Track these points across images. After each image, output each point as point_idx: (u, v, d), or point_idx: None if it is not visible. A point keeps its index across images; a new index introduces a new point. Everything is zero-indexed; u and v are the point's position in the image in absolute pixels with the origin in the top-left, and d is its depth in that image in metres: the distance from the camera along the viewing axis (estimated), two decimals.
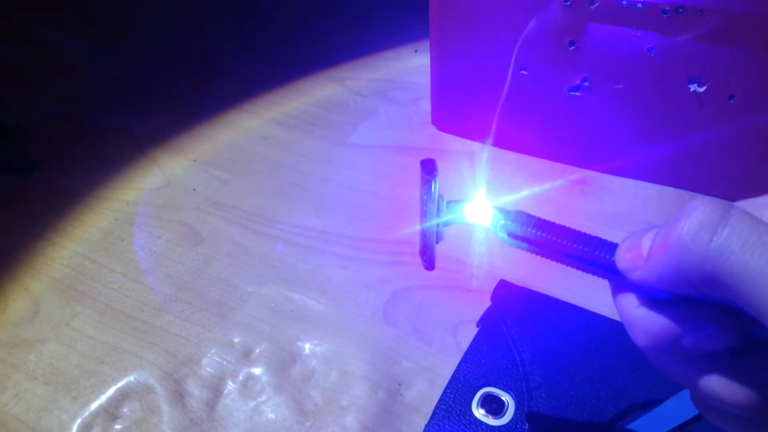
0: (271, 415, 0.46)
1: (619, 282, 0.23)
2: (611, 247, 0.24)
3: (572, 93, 0.61)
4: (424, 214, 0.28)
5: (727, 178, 0.61)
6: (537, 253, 0.26)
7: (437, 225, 0.28)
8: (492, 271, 0.54)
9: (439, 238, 0.29)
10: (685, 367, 0.22)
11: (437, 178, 0.27)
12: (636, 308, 0.22)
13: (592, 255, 0.24)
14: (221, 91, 0.82)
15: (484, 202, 0.27)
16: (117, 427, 0.45)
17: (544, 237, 0.25)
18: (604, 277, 0.24)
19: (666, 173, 0.63)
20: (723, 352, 0.21)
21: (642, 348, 0.22)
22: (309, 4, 1.01)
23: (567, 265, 0.25)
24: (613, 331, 0.45)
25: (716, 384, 0.21)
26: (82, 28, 0.98)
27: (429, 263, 0.30)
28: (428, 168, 0.27)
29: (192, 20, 1.00)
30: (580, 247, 0.24)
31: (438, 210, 0.28)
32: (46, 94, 0.83)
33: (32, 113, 0.78)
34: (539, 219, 0.26)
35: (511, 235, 0.26)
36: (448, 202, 0.28)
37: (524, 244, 0.26)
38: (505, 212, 0.26)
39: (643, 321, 0.22)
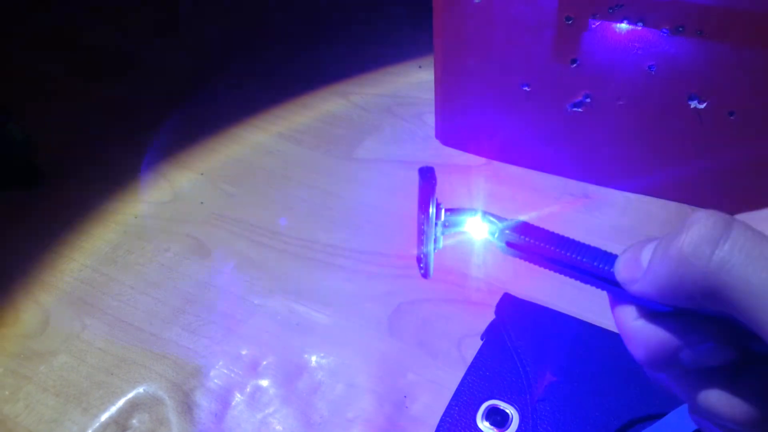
0: (279, 427, 0.46)
1: (618, 294, 0.23)
2: (610, 258, 0.23)
3: (574, 109, 0.62)
4: (421, 222, 0.28)
5: (728, 193, 0.61)
6: (534, 263, 0.25)
7: (435, 232, 0.28)
8: (496, 285, 0.55)
9: (437, 246, 0.29)
10: (683, 381, 0.21)
11: (435, 186, 0.27)
12: (634, 320, 0.22)
13: (590, 266, 0.23)
14: (227, 106, 0.83)
15: (482, 210, 0.27)
16: None
17: (541, 246, 0.25)
18: (602, 288, 0.24)
19: (668, 188, 0.64)
20: (722, 366, 0.20)
21: (639, 361, 0.22)
22: (313, 20, 1.03)
23: (565, 275, 0.25)
24: (616, 344, 0.46)
25: (714, 399, 0.21)
26: (88, 44, 1.00)
27: (426, 271, 0.30)
28: (426, 175, 0.27)
29: (197, 36, 1.01)
30: (578, 257, 0.24)
31: (436, 217, 0.28)
32: (54, 108, 0.85)
33: (41, 126, 0.79)
34: (537, 228, 0.25)
35: (508, 244, 0.26)
36: (447, 210, 0.28)
37: (521, 254, 0.25)
38: (503, 221, 0.26)
39: (641, 333, 0.21)
